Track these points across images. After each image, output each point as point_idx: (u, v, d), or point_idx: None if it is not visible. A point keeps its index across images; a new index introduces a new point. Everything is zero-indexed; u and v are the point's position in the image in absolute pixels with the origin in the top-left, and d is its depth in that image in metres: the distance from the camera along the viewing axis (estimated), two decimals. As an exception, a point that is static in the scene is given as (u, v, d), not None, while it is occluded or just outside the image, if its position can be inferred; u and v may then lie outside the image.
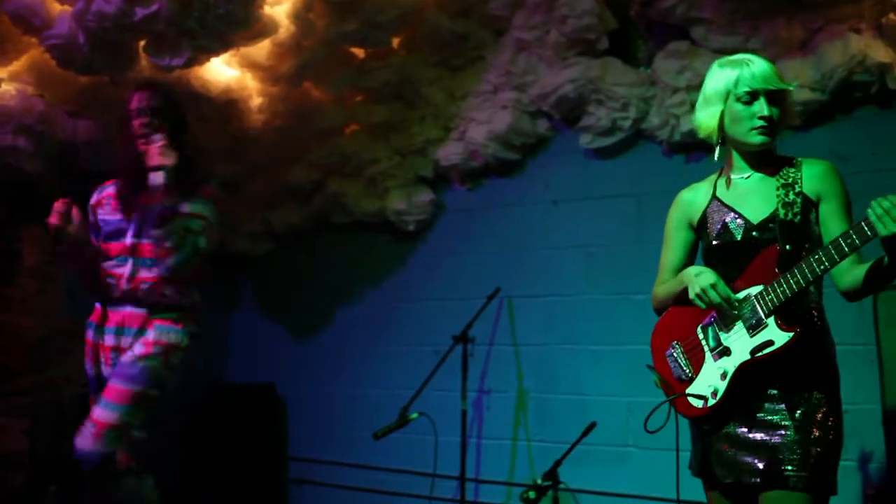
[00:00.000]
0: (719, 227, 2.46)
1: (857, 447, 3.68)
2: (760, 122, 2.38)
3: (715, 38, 4.09)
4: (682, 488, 2.60)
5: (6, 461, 4.63)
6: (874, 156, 3.85)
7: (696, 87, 4.09)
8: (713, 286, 2.31)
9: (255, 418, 5.38)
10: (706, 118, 2.49)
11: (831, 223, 2.36)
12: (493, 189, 4.95)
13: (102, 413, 3.28)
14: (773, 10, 3.91)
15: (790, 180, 2.39)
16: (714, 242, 2.47)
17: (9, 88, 4.50)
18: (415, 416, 4.16)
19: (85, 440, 3.26)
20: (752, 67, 2.40)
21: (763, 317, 2.29)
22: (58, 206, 3.28)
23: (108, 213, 3.49)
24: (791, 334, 2.24)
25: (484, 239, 4.96)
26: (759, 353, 2.28)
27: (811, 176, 2.39)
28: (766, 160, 2.47)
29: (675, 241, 2.64)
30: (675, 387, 2.48)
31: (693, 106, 4.17)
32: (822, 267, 2.18)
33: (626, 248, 4.45)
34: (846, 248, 2.14)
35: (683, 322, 2.50)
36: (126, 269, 3.40)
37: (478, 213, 5.00)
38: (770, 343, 2.27)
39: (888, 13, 3.68)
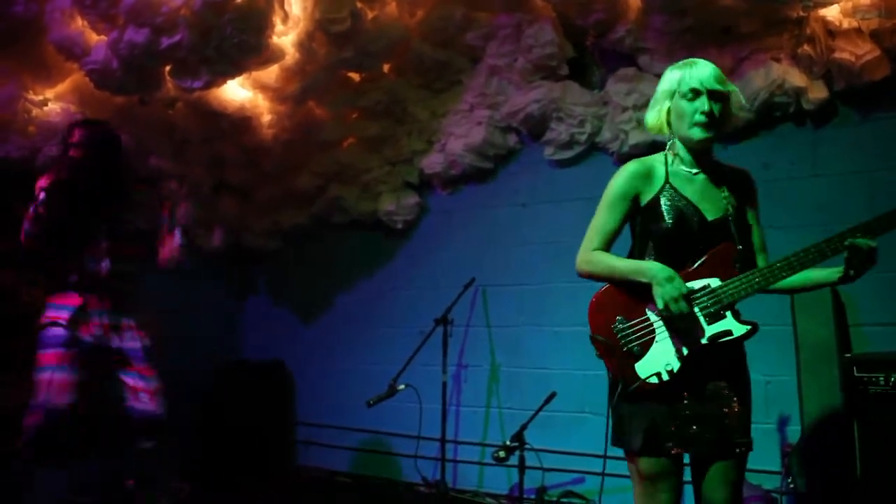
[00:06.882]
0: (676, 214, 2.22)
1: (776, 412, 3.68)
2: (702, 118, 2.18)
3: (657, 65, 4.06)
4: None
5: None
6: (792, 165, 3.87)
7: (642, 106, 4.11)
8: (684, 298, 2.13)
9: (266, 390, 5.30)
10: (653, 115, 2.30)
11: (751, 228, 2.29)
12: (469, 193, 4.91)
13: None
14: (706, 42, 3.90)
15: (731, 186, 2.25)
16: (669, 228, 2.22)
17: (54, 107, 4.43)
18: (402, 387, 4.11)
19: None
20: (696, 68, 2.21)
21: (722, 309, 2.16)
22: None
23: None
24: (748, 327, 2.16)
25: (462, 236, 4.91)
26: (720, 340, 2.16)
27: (738, 181, 2.28)
28: (708, 160, 2.29)
29: (617, 208, 2.29)
30: (622, 358, 2.22)
31: (640, 123, 4.16)
32: (784, 273, 2.09)
33: (583, 244, 4.43)
34: (808, 260, 2.09)
35: (629, 300, 2.24)
36: None
37: (456, 214, 4.96)
38: (729, 333, 2.16)
39: (803, 45, 3.67)
